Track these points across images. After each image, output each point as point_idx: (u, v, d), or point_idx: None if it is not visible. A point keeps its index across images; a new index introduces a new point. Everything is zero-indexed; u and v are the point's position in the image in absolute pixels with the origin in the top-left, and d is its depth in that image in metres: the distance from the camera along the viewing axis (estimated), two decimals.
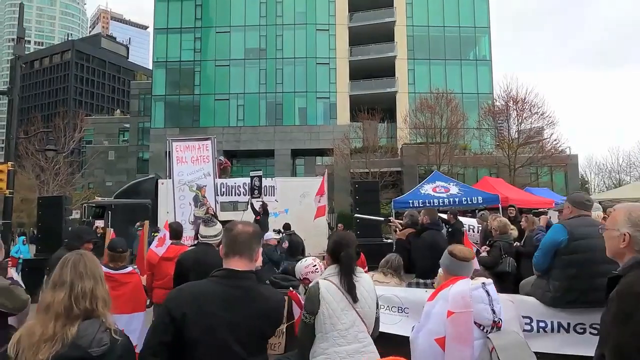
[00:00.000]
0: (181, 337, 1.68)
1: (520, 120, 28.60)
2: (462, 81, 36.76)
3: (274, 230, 10.94)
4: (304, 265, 3.31)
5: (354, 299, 2.38)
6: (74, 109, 61.74)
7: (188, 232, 11.94)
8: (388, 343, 3.31)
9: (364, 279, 2.49)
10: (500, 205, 11.24)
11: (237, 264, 1.84)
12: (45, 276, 3.43)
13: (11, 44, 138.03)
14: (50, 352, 1.52)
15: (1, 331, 3.17)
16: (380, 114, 32.89)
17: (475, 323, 2.35)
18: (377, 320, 2.53)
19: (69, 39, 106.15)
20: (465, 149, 32.17)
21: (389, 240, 12.04)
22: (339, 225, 17.42)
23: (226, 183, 15.35)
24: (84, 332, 1.59)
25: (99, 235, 13.27)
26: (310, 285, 2.50)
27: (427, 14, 37.97)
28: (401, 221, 7.56)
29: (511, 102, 28.99)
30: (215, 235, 3.69)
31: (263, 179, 15.33)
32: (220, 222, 11.17)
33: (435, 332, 2.42)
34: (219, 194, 14.37)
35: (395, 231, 7.40)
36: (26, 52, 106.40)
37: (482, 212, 9.04)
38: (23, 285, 3.49)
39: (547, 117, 28.24)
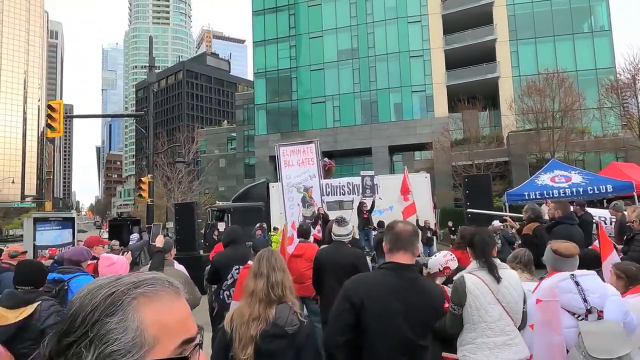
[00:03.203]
0: (359, 321, 1.98)
1: None
2: (576, 57, 33.09)
3: (371, 228, 11.11)
4: (442, 255, 3.55)
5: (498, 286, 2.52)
6: (187, 123, 68.69)
7: (289, 234, 12.68)
8: None
9: (509, 274, 2.58)
10: (635, 194, 10.03)
11: (401, 258, 2.09)
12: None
13: (134, 70, 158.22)
14: (258, 329, 1.92)
15: None
16: (482, 103, 31.17)
17: (569, 312, 2.45)
18: (524, 314, 2.60)
19: (180, 60, 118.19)
20: (584, 132, 28.95)
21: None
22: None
23: (331, 183, 15.92)
24: (280, 313, 1.97)
25: (216, 238, 14.71)
26: (456, 278, 2.65)
27: None
28: (516, 214, 7.23)
29: None
30: (347, 234, 4.01)
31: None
32: (329, 221, 11.56)
33: (531, 319, 2.61)
34: (324, 194, 14.99)
35: (512, 228, 7.07)
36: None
37: (615, 202, 8.14)
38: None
39: None
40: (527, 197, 10.93)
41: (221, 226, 16.27)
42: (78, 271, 3.62)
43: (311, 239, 5.61)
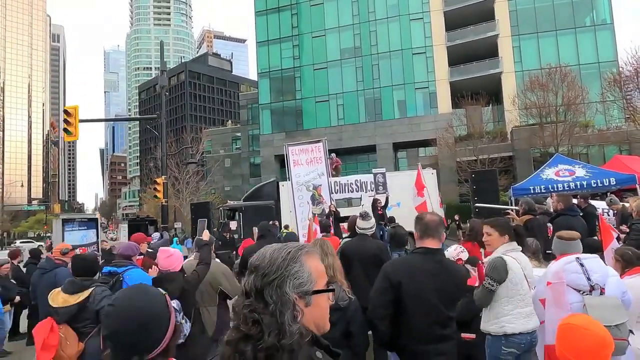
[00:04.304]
0: (398, 297, 2.36)
1: None
2: (579, 51, 33.28)
3: (383, 223, 11.42)
4: (453, 249, 3.94)
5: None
6: (191, 124, 69.01)
7: (306, 230, 13.01)
8: None
9: (522, 255, 2.98)
10: (638, 186, 10.33)
11: (430, 243, 2.47)
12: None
13: (137, 71, 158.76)
14: None
15: (224, 304, 4.26)
16: (485, 98, 31.43)
17: (575, 289, 2.84)
18: None
19: (182, 61, 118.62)
20: (588, 126, 29.17)
21: None
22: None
23: (339, 181, 16.28)
24: None
25: (227, 237, 15.07)
26: (493, 259, 3.03)
27: None
28: (516, 207, 7.61)
29: None
30: (370, 228, 4.38)
31: (369, 174, 16.11)
32: (341, 218, 11.93)
33: (540, 293, 3.03)
34: (333, 191, 15.36)
35: (512, 220, 7.44)
36: (149, 78, 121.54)
37: (609, 197, 8.43)
38: None
39: None
40: (532, 192, 11.22)
41: (233, 225, 16.63)
42: (130, 264, 4.02)
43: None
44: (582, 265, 2.87)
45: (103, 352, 3.44)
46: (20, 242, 48.22)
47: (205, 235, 3.82)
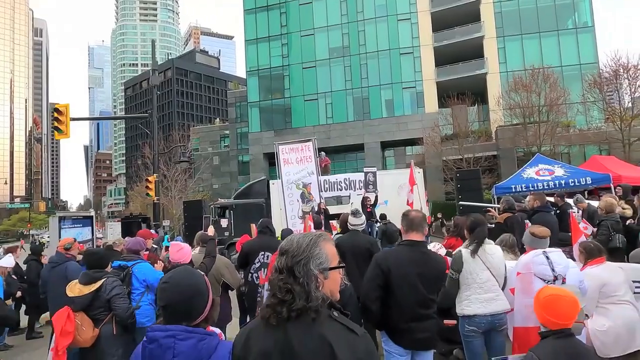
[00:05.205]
0: (387, 283, 2.72)
1: (633, 89, 26.04)
2: (561, 53, 34.18)
3: (373, 220, 11.87)
4: (432, 246, 4.40)
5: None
6: (178, 121, 68.50)
7: (298, 227, 13.30)
8: None
9: (494, 248, 3.38)
10: (612, 185, 10.91)
11: (414, 236, 2.84)
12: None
13: (122, 67, 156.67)
14: None
15: (225, 295, 4.57)
16: (471, 98, 32.09)
17: (541, 279, 3.22)
18: (505, 278, 3.40)
19: (168, 57, 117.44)
20: (569, 126, 30.04)
21: (491, 226, 12.29)
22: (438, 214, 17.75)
23: (328, 179, 16.61)
24: None
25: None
26: (455, 252, 3.42)
27: None
28: (497, 205, 8.07)
29: (622, 70, 26.47)
30: (361, 224, 4.72)
31: (358, 173, 16.50)
32: (331, 215, 12.32)
33: (511, 283, 3.43)
34: (322, 190, 15.70)
35: (494, 218, 7.91)
36: (135, 75, 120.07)
37: (576, 196, 8.93)
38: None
39: None
40: (514, 190, 11.71)
41: (224, 222, 16.82)
42: (138, 259, 4.32)
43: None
44: (547, 257, 3.27)
45: (116, 336, 3.76)
46: (43, 239, 47.63)
47: (211, 231, 4.13)
